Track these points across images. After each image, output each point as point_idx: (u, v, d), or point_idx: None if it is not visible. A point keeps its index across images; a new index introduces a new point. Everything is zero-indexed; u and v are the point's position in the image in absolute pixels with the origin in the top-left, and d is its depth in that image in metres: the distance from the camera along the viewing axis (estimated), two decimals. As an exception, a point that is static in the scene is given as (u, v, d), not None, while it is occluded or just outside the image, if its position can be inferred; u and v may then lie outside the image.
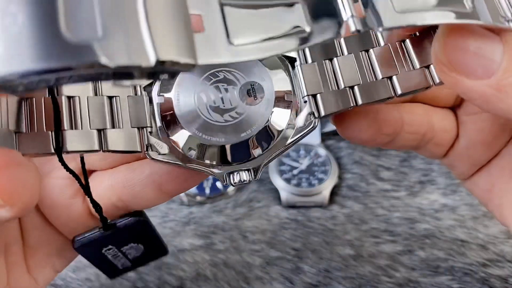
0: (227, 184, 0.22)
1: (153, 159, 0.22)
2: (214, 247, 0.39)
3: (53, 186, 0.26)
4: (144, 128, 0.22)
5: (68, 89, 0.21)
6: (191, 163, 0.22)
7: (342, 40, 0.23)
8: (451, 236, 0.39)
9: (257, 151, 0.22)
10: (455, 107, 0.27)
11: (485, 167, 0.27)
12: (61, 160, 0.21)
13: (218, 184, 0.43)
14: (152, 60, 0.13)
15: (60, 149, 0.20)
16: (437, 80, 0.22)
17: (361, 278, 0.37)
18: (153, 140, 0.22)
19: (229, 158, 0.22)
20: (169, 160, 0.22)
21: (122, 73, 0.14)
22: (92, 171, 0.27)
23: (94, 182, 0.26)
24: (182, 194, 0.42)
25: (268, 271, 0.37)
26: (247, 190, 0.43)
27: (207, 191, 0.43)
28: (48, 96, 0.21)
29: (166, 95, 0.23)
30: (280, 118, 0.22)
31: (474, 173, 0.28)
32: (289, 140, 0.22)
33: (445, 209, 0.41)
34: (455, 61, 0.18)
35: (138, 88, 0.23)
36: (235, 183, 0.22)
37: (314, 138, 0.46)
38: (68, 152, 0.20)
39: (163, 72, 0.14)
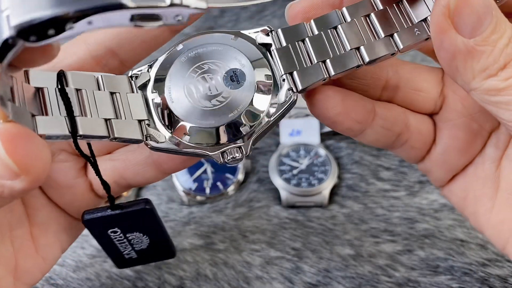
0: (221, 162, 0.24)
1: (152, 147, 0.25)
2: (214, 246, 0.39)
3: (56, 168, 0.28)
4: (143, 121, 0.25)
5: (75, 83, 0.24)
6: (186, 147, 0.25)
7: (312, 22, 0.25)
8: (450, 236, 0.39)
9: (245, 129, 0.24)
10: (433, 114, 0.28)
11: (460, 175, 0.28)
12: (75, 142, 0.22)
13: (218, 184, 0.43)
14: (167, 1, 0.16)
15: (75, 133, 0.22)
16: (401, 46, 0.24)
17: (360, 277, 0.37)
18: (151, 131, 0.25)
19: (220, 138, 0.24)
20: (167, 147, 0.25)
21: (140, 15, 0.17)
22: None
23: (89, 166, 0.28)
24: (183, 194, 0.43)
25: (268, 271, 0.37)
26: (247, 190, 0.44)
27: (207, 191, 0.43)
28: (58, 87, 0.23)
29: (159, 91, 0.25)
30: (262, 97, 0.25)
31: (450, 181, 0.29)
32: (273, 116, 0.25)
33: (444, 209, 0.41)
34: (460, 12, 0.20)
35: (135, 88, 0.26)
36: (228, 160, 0.24)
37: (314, 138, 0.46)
38: (81, 136, 0.22)
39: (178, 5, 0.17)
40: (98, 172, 0.26)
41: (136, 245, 0.30)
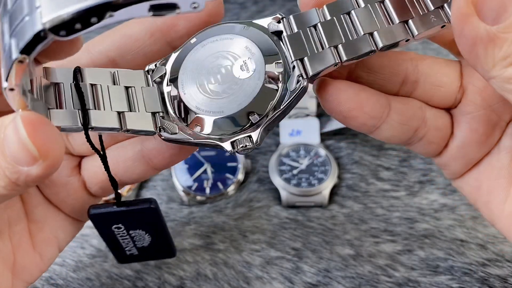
0: (232, 152, 0.24)
1: (165, 138, 0.25)
2: (214, 246, 0.39)
3: None
4: (157, 113, 0.25)
5: (90, 78, 0.25)
6: (198, 138, 0.25)
7: (324, 7, 0.25)
8: (450, 236, 0.39)
9: (254, 118, 0.24)
10: (451, 109, 0.28)
11: (475, 166, 0.28)
12: (87, 134, 0.23)
13: (218, 184, 0.43)
14: None
15: (86, 125, 0.23)
16: (416, 33, 0.23)
17: (360, 277, 0.37)
18: (165, 122, 0.25)
19: (230, 127, 0.25)
20: (179, 138, 0.25)
21: (158, 5, 0.18)
22: (82, 157, 0.29)
23: (88, 165, 0.29)
24: (183, 194, 0.43)
25: (268, 271, 0.37)
26: (247, 190, 0.44)
27: (207, 191, 0.43)
28: (73, 82, 0.24)
29: (173, 84, 0.26)
30: (272, 85, 0.25)
31: (465, 172, 0.28)
32: (283, 104, 0.24)
33: (444, 209, 0.41)
34: None
35: (150, 82, 0.26)
36: (238, 150, 0.24)
37: (314, 138, 0.46)
38: (92, 129, 0.23)
39: None
40: (107, 167, 0.26)
41: (138, 242, 0.31)
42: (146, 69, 0.27)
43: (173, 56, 0.26)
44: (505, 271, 0.36)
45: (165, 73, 0.26)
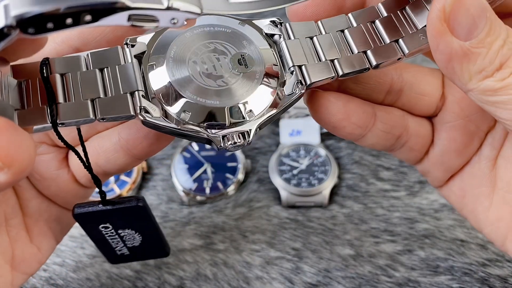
0: (221, 147, 0.23)
1: (146, 121, 0.23)
2: (214, 246, 0.39)
3: (38, 161, 0.28)
4: (136, 92, 0.23)
5: (59, 68, 0.23)
6: (186, 126, 0.23)
7: (319, 23, 0.26)
8: (450, 236, 0.39)
9: (250, 114, 0.24)
10: (432, 117, 0.29)
11: (458, 174, 0.29)
12: (56, 131, 0.22)
13: (218, 184, 0.43)
14: (165, 4, 0.17)
15: (55, 121, 0.21)
16: (406, 51, 0.24)
17: (360, 278, 0.37)
18: (146, 103, 0.23)
19: (223, 120, 0.23)
20: (163, 124, 0.23)
21: (138, 15, 0.17)
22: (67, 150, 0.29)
23: (73, 157, 0.28)
24: (183, 194, 0.43)
25: (268, 271, 0.37)
26: (247, 190, 0.44)
27: (207, 191, 0.43)
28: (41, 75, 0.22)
29: (159, 64, 0.24)
30: (269, 86, 0.24)
31: (448, 181, 0.30)
32: (279, 107, 0.24)
33: (444, 209, 0.41)
34: (456, 15, 0.21)
35: (129, 57, 0.24)
36: (228, 146, 0.23)
37: (314, 138, 0.46)
38: (63, 124, 0.21)
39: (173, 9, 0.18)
40: (83, 162, 0.25)
41: (128, 241, 0.30)
42: (125, 42, 0.24)
43: (159, 33, 0.24)
44: (505, 271, 0.36)
45: (146, 51, 0.24)
